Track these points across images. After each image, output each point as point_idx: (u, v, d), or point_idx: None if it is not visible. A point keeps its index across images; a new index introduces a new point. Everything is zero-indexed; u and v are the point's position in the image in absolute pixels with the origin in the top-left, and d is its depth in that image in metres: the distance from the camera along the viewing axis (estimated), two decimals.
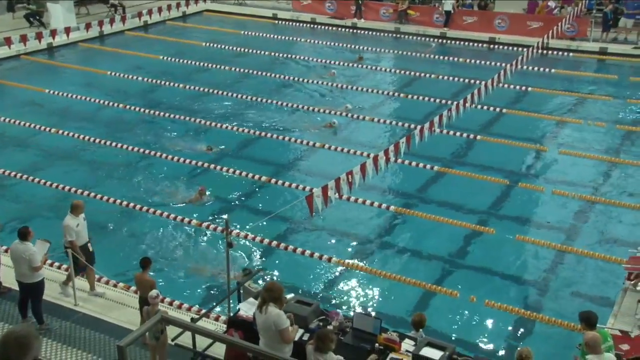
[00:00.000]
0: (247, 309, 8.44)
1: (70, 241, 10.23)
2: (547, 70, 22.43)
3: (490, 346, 10.24)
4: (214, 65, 23.53)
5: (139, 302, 9.53)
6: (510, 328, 10.69)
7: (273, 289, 7.40)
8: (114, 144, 17.04)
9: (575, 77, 22.29)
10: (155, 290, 8.78)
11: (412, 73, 22.68)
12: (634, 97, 20.09)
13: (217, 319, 10.15)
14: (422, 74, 22.39)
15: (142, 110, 19.45)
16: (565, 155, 16.45)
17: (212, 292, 11.42)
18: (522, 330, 10.62)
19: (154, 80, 22.01)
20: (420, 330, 8.36)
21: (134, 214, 13.92)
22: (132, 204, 14.05)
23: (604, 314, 9.93)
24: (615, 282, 11.23)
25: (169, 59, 24.32)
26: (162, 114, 19.18)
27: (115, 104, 19.88)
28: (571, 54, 24.22)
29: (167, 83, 21.75)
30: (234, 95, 20.63)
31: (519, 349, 8.08)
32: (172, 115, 19.05)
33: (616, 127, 18.15)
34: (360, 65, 23.48)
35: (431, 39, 26.55)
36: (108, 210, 13.98)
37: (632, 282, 10.25)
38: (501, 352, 10.08)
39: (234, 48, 25.68)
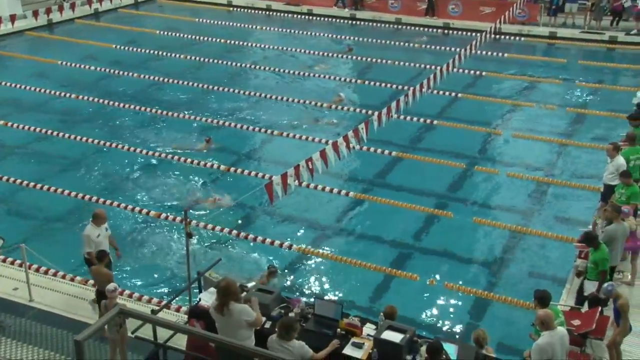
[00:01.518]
0: (208, 299, 8.38)
1: (88, 252, 9.59)
2: (500, 54, 22.80)
3: (450, 327, 10.43)
4: (169, 54, 23.14)
5: (96, 296, 9.38)
6: (469, 309, 10.90)
7: (229, 288, 7.17)
8: (67, 135, 16.63)
9: (527, 61, 22.73)
10: (113, 283, 8.64)
11: (368, 59, 22.76)
12: (582, 81, 20.61)
13: (178, 310, 10.06)
14: (378, 60, 22.49)
15: (95, 100, 19.01)
16: (519, 138, 16.79)
17: (172, 283, 11.30)
18: (480, 310, 10.85)
19: (107, 70, 21.53)
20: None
21: (89, 207, 13.62)
22: (87, 196, 13.77)
23: (557, 292, 10.24)
24: (568, 260, 11.55)
25: (122, 47, 23.81)
26: (116, 104, 18.80)
27: (67, 95, 19.39)
28: (522, 38, 24.67)
29: (121, 72, 21.30)
30: (190, 84, 20.35)
31: (475, 330, 8.25)
32: (127, 106, 18.68)
33: (566, 109, 18.61)
34: (323, 53, 23.41)
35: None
36: (63, 203, 13.67)
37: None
38: (461, 333, 10.28)
39: (189, 36, 25.29)
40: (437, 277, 11.40)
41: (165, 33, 25.61)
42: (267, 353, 4.32)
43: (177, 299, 9.55)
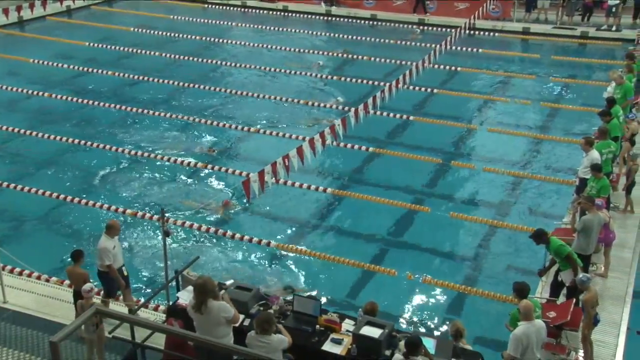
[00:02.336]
0: (186, 297, 8.33)
1: (109, 265, 9.16)
2: (474, 50, 22.97)
3: (429, 321, 10.50)
4: (144, 51, 22.91)
5: (73, 297, 9.26)
6: (447, 303, 10.98)
7: (206, 286, 7.15)
8: (40, 134, 16.38)
9: (501, 57, 22.94)
10: (89, 283, 8.54)
11: (345, 55, 22.77)
12: (556, 75, 20.87)
13: (156, 309, 9.99)
14: (355, 56, 22.51)
15: (69, 99, 18.75)
16: (494, 133, 16.95)
17: (150, 282, 11.22)
18: (458, 304, 10.94)
19: (81, 68, 21.24)
20: None
21: (64, 207, 13.47)
22: (62, 196, 13.59)
23: (533, 284, 10.33)
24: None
25: (96, 45, 23.51)
26: (91, 102, 18.56)
27: (40, 93, 19.09)
28: (497, 34, 24.88)
29: (95, 70, 21.03)
30: (166, 81, 20.17)
31: (452, 323, 8.32)
32: (101, 104, 18.46)
33: (540, 104, 18.83)
34: (293, 49, 23.34)
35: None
36: (37, 203, 13.47)
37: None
38: (440, 327, 10.37)
39: (164, 33, 25.07)
40: (415, 272, 11.47)
41: (140, 30, 25.34)
42: (245, 351, 4.32)
43: (155, 298, 9.48)
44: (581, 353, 8.85)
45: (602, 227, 10.28)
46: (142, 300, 9.85)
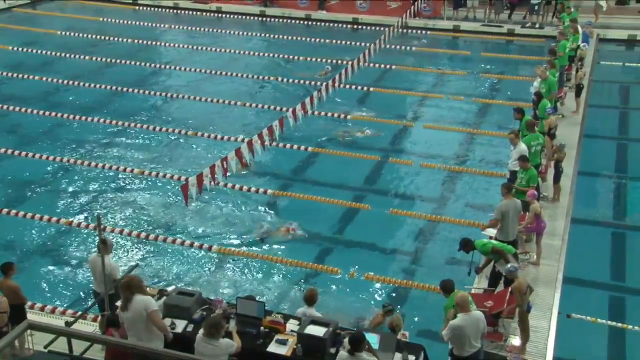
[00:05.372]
0: None
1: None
2: (408, 48, 23.37)
3: (372, 317, 10.61)
4: (72, 55, 22.22)
5: (10, 311, 8.87)
6: (389, 298, 11.14)
7: (131, 284, 7.28)
8: None
9: (434, 54, 23.44)
10: None
11: (280, 56, 22.76)
12: (486, 72, 21.49)
13: (95, 320, 9.70)
14: (289, 56, 22.53)
15: None
16: (430, 129, 17.32)
17: (88, 292, 10.89)
18: (400, 298, 11.12)
19: (5, 73, 20.43)
20: (313, 306, 8.41)
21: None
22: None
23: (472, 276, 10.64)
24: None
25: (20, 49, 22.63)
26: (17, 108, 17.86)
27: None
28: (428, 32, 25.39)
29: (20, 75, 20.25)
30: (98, 86, 19.63)
31: (390, 318, 8.46)
32: (29, 110, 17.80)
33: (472, 99, 19.35)
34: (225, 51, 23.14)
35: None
36: None
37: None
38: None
39: (93, 36, 24.38)
40: (358, 269, 11.59)
41: (67, 33, 24.56)
42: (185, 356, 4.26)
43: (93, 308, 9.23)
44: (517, 339, 9.17)
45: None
46: (80, 312, 9.56)
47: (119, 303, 8.23)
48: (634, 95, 20.43)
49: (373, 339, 7.73)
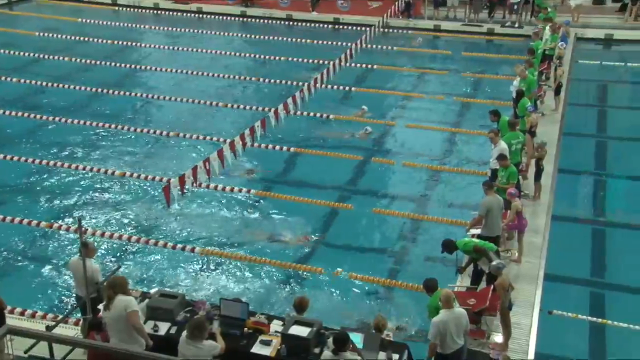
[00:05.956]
0: None
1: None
2: (389, 48, 23.44)
3: (357, 316, 10.63)
4: (51, 56, 21.97)
5: None
6: (373, 297, 11.18)
7: (116, 284, 7.41)
8: None
9: (415, 54, 23.53)
10: None
11: (261, 56, 22.71)
12: (467, 71, 21.62)
13: (77, 324, 9.61)
14: (271, 57, 22.49)
15: None
16: (412, 129, 17.39)
17: (70, 296, 10.78)
18: (385, 297, 11.16)
19: None
20: (303, 314, 8.29)
21: None
22: None
23: (454, 274, 10.70)
24: None
25: None
26: None
27: None
28: (409, 31, 25.48)
29: None
30: (76, 87, 19.43)
31: (375, 317, 8.49)
32: (7, 112, 17.58)
33: (454, 99, 19.46)
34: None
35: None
36: None
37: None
38: (367, 321, 10.52)
39: (72, 37, 24.13)
40: (342, 268, 11.60)
41: (45, 34, 24.29)
42: (168, 359, 4.24)
43: (75, 312, 9.15)
44: (500, 336, 9.25)
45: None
46: (61, 316, 9.47)
47: (101, 306, 8.18)
48: (611, 93, 20.73)
49: (357, 338, 7.75)
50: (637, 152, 16.58)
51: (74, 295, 9.55)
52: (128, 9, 28.44)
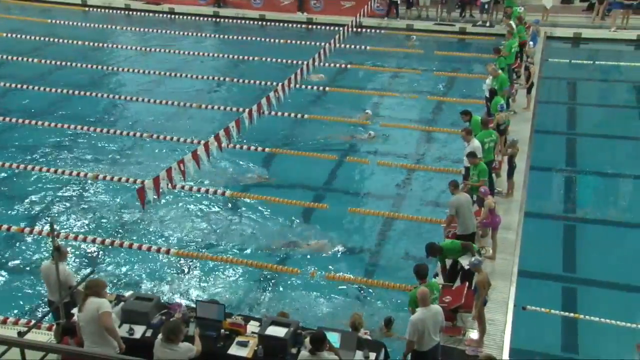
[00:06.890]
0: None
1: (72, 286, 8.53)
2: (362, 47, 23.52)
3: (334, 316, 10.65)
4: (19, 58, 21.59)
5: None
6: (351, 297, 11.21)
7: (90, 284, 7.44)
8: None
9: (388, 53, 23.63)
10: None
11: (234, 57, 22.61)
12: (439, 70, 21.80)
13: (50, 329, 9.46)
14: (245, 57, 22.41)
15: None
16: (386, 128, 17.47)
17: (43, 300, 10.62)
18: (361, 297, 11.20)
19: None
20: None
21: None
22: None
23: (430, 271, 10.78)
24: (438, 241, 12.20)
25: None
26: None
27: None
28: (382, 31, 25.60)
29: None
30: (46, 89, 19.12)
31: (351, 316, 8.52)
32: None
33: (427, 98, 19.59)
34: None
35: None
36: None
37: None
38: (344, 321, 10.55)
39: (41, 38, 23.75)
40: (318, 269, 11.62)
41: (13, 35, 23.87)
42: None
43: (48, 317, 9.01)
44: (475, 332, 9.35)
45: (489, 211, 10.93)
46: (33, 321, 9.32)
47: (74, 310, 8.08)
48: (580, 91, 21.09)
49: (334, 337, 7.76)
50: (606, 148, 16.91)
51: (47, 300, 9.41)
52: (98, 9, 28.08)
